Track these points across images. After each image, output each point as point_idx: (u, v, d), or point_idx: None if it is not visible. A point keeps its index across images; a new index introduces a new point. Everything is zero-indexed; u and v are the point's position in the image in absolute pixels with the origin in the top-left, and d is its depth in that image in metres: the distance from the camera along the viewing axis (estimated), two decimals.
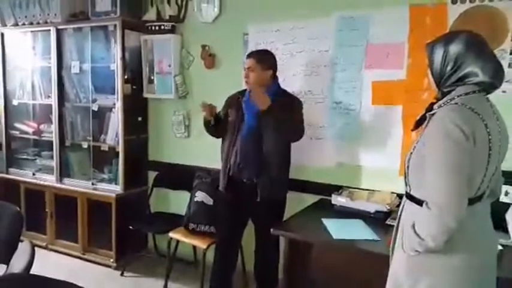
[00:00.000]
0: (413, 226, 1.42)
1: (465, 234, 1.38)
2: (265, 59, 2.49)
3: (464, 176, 1.34)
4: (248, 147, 2.47)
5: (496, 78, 1.42)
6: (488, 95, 1.46)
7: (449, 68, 1.43)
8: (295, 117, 2.49)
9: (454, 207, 1.33)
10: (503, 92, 2.13)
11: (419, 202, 1.46)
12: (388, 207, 2.35)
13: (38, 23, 3.68)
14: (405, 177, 1.56)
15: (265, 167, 2.45)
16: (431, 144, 1.40)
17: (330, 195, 2.56)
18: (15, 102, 3.98)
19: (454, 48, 1.41)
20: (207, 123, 2.64)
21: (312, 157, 2.85)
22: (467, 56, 1.41)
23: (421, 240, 1.38)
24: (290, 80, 2.85)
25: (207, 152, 3.14)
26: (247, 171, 2.49)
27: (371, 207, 2.39)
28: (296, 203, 2.67)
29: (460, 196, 1.34)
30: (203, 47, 3.23)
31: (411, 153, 1.51)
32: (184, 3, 3.29)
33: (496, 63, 1.42)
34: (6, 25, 3.88)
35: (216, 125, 2.61)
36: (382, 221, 2.28)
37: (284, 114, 2.37)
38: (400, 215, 1.59)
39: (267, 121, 2.38)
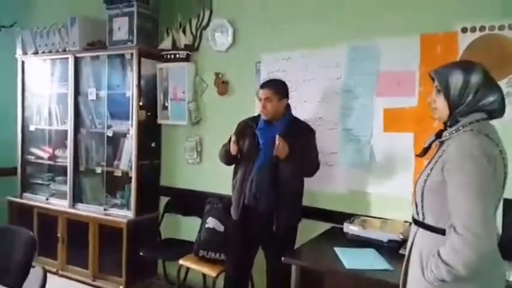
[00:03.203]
0: (438, 255, 1.37)
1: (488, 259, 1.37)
2: (281, 89, 2.53)
3: (493, 200, 1.36)
4: (264, 177, 2.47)
5: (504, 107, 1.47)
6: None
7: (470, 98, 1.44)
8: (310, 150, 2.52)
9: (490, 233, 1.31)
10: None
11: (437, 230, 1.43)
12: (402, 237, 2.30)
13: (57, 51, 3.81)
14: (416, 204, 1.54)
15: (281, 197, 2.45)
16: (456, 170, 1.37)
17: (342, 223, 2.52)
18: (32, 128, 4.08)
19: (475, 78, 1.43)
20: (230, 157, 2.60)
21: (323, 184, 2.83)
22: (487, 87, 1.44)
23: (451, 269, 1.32)
24: (302, 107, 2.87)
25: (218, 178, 3.14)
26: (264, 201, 2.47)
27: (384, 236, 2.34)
28: (307, 230, 2.64)
29: (493, 220, 1.34)
30: (216, 74, 3.29)
31: (425, 180, 1.48)
32: (198, 32, 3.39)
33: (502, 93, 1.47)
34: (27, 53, 4.02)
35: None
36: (395, 251, 2.23)
37: (299, 153, 2.40)
38: (412, 244, 1.55)
39: (284, 165, 2.43)
